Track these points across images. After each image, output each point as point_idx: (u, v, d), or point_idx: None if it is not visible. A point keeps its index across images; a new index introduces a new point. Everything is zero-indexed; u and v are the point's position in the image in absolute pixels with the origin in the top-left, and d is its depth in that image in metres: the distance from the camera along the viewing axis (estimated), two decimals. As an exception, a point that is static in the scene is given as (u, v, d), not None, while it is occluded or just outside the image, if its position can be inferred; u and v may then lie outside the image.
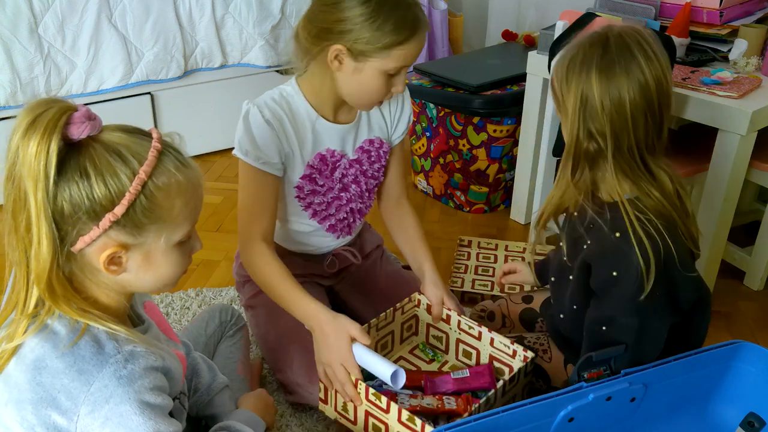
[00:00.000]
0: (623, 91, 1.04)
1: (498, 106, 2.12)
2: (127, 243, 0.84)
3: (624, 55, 1.04)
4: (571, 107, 1.07)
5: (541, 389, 1.35)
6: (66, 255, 0.82)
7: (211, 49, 2.46)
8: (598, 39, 1.07)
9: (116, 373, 0.82)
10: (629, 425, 1.17)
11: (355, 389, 1.18)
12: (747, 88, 1.59)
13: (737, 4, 1.83)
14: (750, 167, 1.66)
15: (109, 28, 2.23)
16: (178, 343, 1.07)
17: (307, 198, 1.39)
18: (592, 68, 1.05)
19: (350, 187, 1.44)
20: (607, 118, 1.05)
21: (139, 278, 0.88)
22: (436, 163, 2.32)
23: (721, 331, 1.70)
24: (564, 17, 1.78)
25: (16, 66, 2.11)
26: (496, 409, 1.02)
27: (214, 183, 2.45)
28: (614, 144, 1.07)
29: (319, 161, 1.36)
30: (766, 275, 1.85)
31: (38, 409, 0.82)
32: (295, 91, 1.33)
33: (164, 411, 0.88)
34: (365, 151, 1.42)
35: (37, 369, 0.82)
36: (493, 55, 2.46)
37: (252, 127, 1.27)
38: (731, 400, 1.22)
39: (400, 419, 1.14)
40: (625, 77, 1.04)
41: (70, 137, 0.79)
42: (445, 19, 2.89)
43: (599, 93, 1.04)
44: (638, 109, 1.05)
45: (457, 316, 1.38)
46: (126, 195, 0.80)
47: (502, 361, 1.35)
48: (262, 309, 1.47)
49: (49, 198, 0.78)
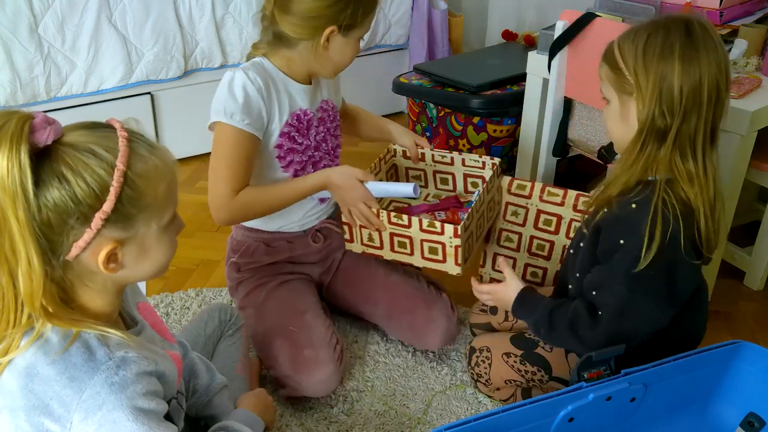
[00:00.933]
0: (703, 74, 1.07)
1: (498, 106, 2.12)
2: (121, 238, 0.83)
3: (706, 40, 1.08)
4: (651, 88, 1.09)
5: (542, 379, 1.36)
6: (62, 264, 0.81)
7: (211, 49, 2.46)
8: (678, 23, 1.10)
9: (108, 379, 0.81)
10: (629, 425, 1.17)
11: (378, 218, 1.41)
12: (747, 88, 1.59)
13: (737, 4, 1.83)
14: (750, 167, 1.66)
15: (109, 28, 2.23)
16: (173, 344, 1.07)
17: (287, 157, 1.46)
18: (675, 52, 1.08)
19: (321, 146, 1.52)
20: (683, 100, 1.08)
21: (136, 270, 0.88)
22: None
23: (721, 331, 1.70)
24: (564, 17, 1.78)
25: (16, 66, 2.11)
26: (496, 409, 1.02)
27: (214, 183, 2.45)
28: (681, 124, 1.09)
29: (296, 120, 1.45)
30: (766, 275, 1.85)
31: (31, 417, 0.81)
32: (264, 60, 1.43)
33: (158, 416, 0.87)
34: (324, 110, 1.53)
35: (29, 376, 0.82)
36: (493, 55, 2.47)
37: (237, 90, 1.34)
38: (731, 400, 1.22)
39: (421, 227, 1.39)
40: (706, 62, 1.07)
41: (37, 145, 0.76)
42: (445, 19, 2.88)
43: (680, 75, 1.07)
44: (711, 92, 1.08)
45: (430, 150, 1.65)
46: (111, 190, 0.79)
47: (476, 175, 1.66)
48: (251, 309, 1.52)
49: (32, 213, 0.76)
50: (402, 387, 1.50)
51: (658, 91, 1.08)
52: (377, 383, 1.51)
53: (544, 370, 1.35)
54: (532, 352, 1.37)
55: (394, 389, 1.50)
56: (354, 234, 1.49)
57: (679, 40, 1.08)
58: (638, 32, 1.12)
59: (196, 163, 2.59)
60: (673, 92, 1.08)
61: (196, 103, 2.53)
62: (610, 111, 1.19)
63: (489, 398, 1.46)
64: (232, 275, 1.58)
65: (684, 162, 1.11)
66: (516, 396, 1.43)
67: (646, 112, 1.10)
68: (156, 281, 1.85)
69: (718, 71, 1.08)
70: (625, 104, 1.15)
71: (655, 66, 1.08)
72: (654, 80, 1.09)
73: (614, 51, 1.15)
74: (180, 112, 2.52)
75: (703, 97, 1.08)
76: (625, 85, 1.13)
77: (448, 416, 1.43)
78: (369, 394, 1.48)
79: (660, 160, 1.12)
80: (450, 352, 1.59)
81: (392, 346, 1.62)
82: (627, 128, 1.15)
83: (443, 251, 1.40)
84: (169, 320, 1.70)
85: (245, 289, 1.55)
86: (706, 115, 1.09)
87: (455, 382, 1.51)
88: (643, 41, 1.10)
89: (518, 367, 1.38)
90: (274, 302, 1.51)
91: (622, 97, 1.15)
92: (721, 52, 1.09)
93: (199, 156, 2.62)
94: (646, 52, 1.10)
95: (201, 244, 2.07)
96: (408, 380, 1.52)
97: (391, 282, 1.59)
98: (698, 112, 1.09)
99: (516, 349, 1.39)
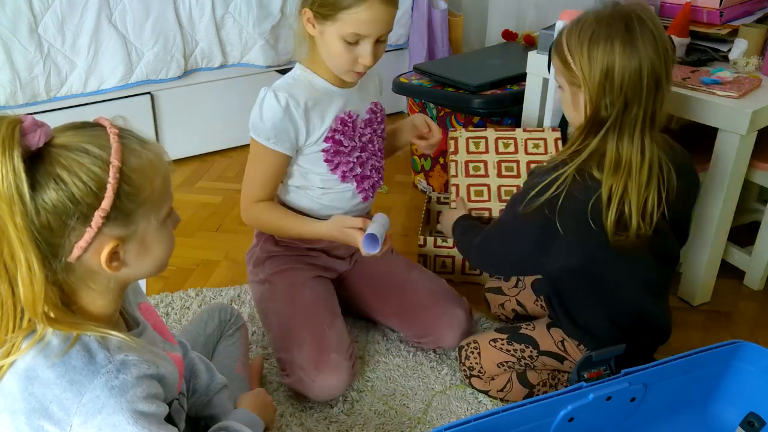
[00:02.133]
0: (643, 65, 1.14)
1: (498, 106, 2.12)
2: (121, 235, 0.82)
3: (643, 32, 1.15)
4: (597, 79, 1.16)
5: (532, 355, 1.41)
6: (63, 267, 0.81)
7: (211, 49, 2.46)
8: (618, 18, 1.16)
9: (108, 383, 0.81)
10: (629, 425, 1.18)
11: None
12: (747, 87, 1.59)
13: (737, 4, 1.83)
14: (750, 167, 1.66)
15: (109, 28, 2.23)
16: (174, 345, 1.06)
17: (334, 159, 1.48)
18: (616, 46, 1.14)
19: (367, 147, 1.54)
20: (623, 90, 1.15)
21: (138, 268, 0.88)
22: (436, 163, 2.32)
23: (721, 331, 1.70)
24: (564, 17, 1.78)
25: (16, 66, 2.11)
26: (496, 408, 1.02)
27: (214, 183, 2.45)
28: (622, 113, 1.17)
29: (341, 123, 1.46)
30: (766, 275, 1.85)
31: (31, 420, 0.81)
32: (302, 69, 1.45)
33: (159, 419, 0.87)
34: (373, 112, 1.55)
35: (29, 379, 0.81)
36: (493, 55, 2.46)
37: (265, 111, 1.38)
38: (731, 400, 1.22)
39: None
40: (644, 52, 1.14)
41: (29, 147, 0.75)
42: (445, 19, 2.88)
43: (621, 69, 1.14)
44: (650, 81, 1.15)
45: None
46: (108, 187, 0.78)
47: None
48: (284, 286, 1.52)
49: (30, 217, 0.75)
50: (402, 387, 1.50)
51: (602, 85, 1.16)
52: (377, 383, 1.51)
53: (532, 346, 1.41)
54: (517, 333, 1.43)
55: (394, 389, 1.50)
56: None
57: (620, 34, 1.15)
58: (583, 27, 1.19)
59: (196, 163, 2.59)
60: (614, 84, 1.15)
61: (196, 103, 2.54)
62: (564, 97, 1.28)
63: (488, 397, 1.46)
64: (266, 247, 1.58)
65: (619, 145, 1.18)
66: (512, 381, 1.44)
67: (594, 104, 1.18)
68: (156, 281, 1.85)
69: (657, 60, 1.15)
70: (575, 94, 1.23)
71: (598, 62, 1.16)
72: (597, 75, 1.16)
73: (563, 44, 1.22)
74: (180, 112, 2.53)
75: (643, 86, 1.15)
76: (574, 77, 1.21)
77: (448, 416, 1.43)
78: (369, 394, 1.48)
79: (599, 144, 1.20)
80: (450, 352, 1.59)
81: (392, 346, 1.62)
82: (578, 114, 1.25)
83: None
84: (169, 320, 1.70)
85: (278, 266, 1.55)
86: (646, 103, 1.16)
87: (455, 382, 1.51)
88: (587, 37, 1.17)
89: (506, 348, 1.42)
90: (311, 292, 1.51)
91: (572, 88, 1.24)
92: (660, 42, 1.15)
93: (199, 156, 2.63)
94: (590, 49, 1.17)
95: (201, 244, 2.07)
96: (408, 380, 1.52)
97: (412, 278, 1.60)
98: (638, 101, 1.16)
99: (501, 334, 1.45)
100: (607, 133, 1.18)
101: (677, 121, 2.01)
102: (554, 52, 1.26)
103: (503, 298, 1.67)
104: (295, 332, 1.44)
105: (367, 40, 1.33)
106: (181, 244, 2.06)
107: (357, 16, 1.29)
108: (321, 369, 1.38)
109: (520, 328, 1.45)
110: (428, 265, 1.87)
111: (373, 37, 1.33)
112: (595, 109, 1.18)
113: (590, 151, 1.19)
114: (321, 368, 1.38)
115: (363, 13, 1.29)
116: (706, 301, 1.80)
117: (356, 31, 1.31)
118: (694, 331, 1.70)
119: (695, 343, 1.63)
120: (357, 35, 1.31)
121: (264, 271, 1.57)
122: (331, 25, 1.32)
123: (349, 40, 1.32)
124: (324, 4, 1.30)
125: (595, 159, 1.19)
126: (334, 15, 1.30)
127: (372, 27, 1.31)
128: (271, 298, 1.52)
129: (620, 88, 1.15)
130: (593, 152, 1.19)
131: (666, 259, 1.32)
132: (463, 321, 1.54)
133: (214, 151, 2.65)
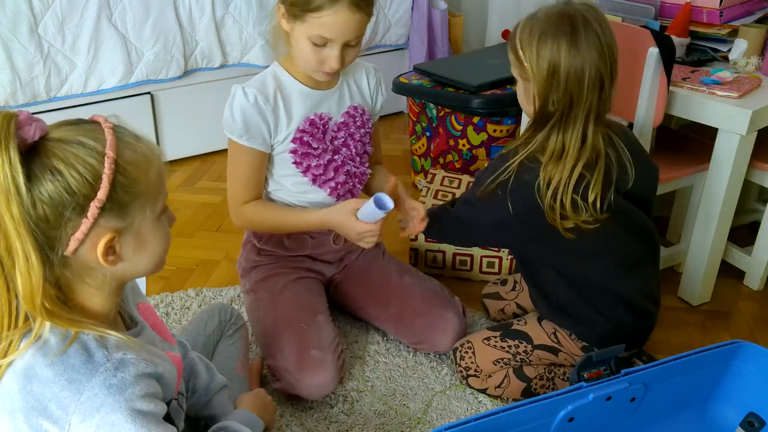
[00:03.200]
0: (586, 64, 1.19)
1: (498, 106, 2.12)
2: (117, 227, 0.83)
3: (587, 32, 1.20)
4: (544, 76, 1.22)
5: (527, 350, 1.43)
6: (60, 261, 0.81)
7: (211, 49, 2.46)
8: (565, 18, 1.21)
9: (106, 381, 0.81)
10: (629, 425, 1.17)
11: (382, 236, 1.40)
12: (747, 88, 1.59)
13: (737, 4, 1.83)
14: (750, 167, 1.66)
15: (109, 28, 2.23)
16: (174, 345, 1.06)
17: (303, 162, 1.47)
18: (562, 46, 1.20)
19: (341, 150, 1.51)
20: (570, 87, 1.21)
21: (134, 263, 0.88)
22: (436, 162, 2.32)
23: (721, 331, 1.70)
24: (564, 17, 1.78)
25: (16, 66, 2.11)
26: (496, 408, 1.02)
27: (214, 183, 2.45)
28: (568, 109, 1.23)
29: (310, 125, 1.45)
30: (766, 275, 1.85)
31: (30, 418, 0.81)
32: (277, 67, 1.46)
33: (157, 417, 0.87)
34: (351, 116, 1.52)
35: (27, 378, 0.81)
36: (493, 55, 2.46)
37: (235, 108, 1.39)
38: (731, 400, 1.22)
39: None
40: (587, 52, 1.19)
41: (25, 140, 0.76)
42: (445, 19, 2.88)
43: (566, 68, 1.20)
44: (594, 79, 1.20)
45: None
46: (103, 177, 0.79)
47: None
48: (265, 293, 1.53)
49: (26, 209, 0.75)
50: (402, 387, 1.50)
51: (548, 82, 1.22)
52: (377, 383, 1.51)
53: (526, 341, 1.43)
54: (510, 330, 1.46)
55: (394, 389, 1.50)
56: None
57: (565, 35, 1.20)
58: (533, 27, 1.24)
59: (197, 163, 2.59)
60: (560, 82, 1.21)
61: (196, 103, 2.54)
62: (519, 90, 1.34)
63: (488, 397, 1.46)
64: (250, 257, 1.59)
65: (564, 137, 1.24)
66: (509, 377, 1.45)
67: (541, 99, 1.24)
68: (156, 281, 1.85)
69: (600, 59, 1.20)
70: (528, 88, 1.28)
71: (545, 60, 1.21)
72: (545, 72, 1.21)
73: (516, 39, 1.28)
74: (180, 112, 2.52)
75: (586, 86, 1.20)
76: (525, 72, 1.27)
77: (448, 416, 1.43)
78: (369, 394, 1.48)
79: (544, 138, 1.25)
80: (449, 353, 1.59)
81: (392, 346, 1.62)
82: (530, 107, 1.30)
83: None
84: (169, 320, 1.70)
85: (261, 274, 1.56)
86: (589, 101, 1.21)
87: (455, 382, 1.51)
88: (536, 36, 1.22)
89: (501, 345, 1.44)
90: (290, 294, 1.51)
91: (524, 82, 1.29)
92: (604, 41, 1.20)
93: (199, 156, 2.62)
94: (539, 48, 1.22)
95: (201, 244, 2.07)
96: (408, 380, 1.52)
97: (405, 284, 1.60)
98: (581, 99, 1.21)
99: (494, 332, 1.48)
100: (552, 129, 1.25)
101: (677, 121, 2.01)
102: (509, 46, 1.32)
103: (502, 302, 1.67)
104: (276, 337, 1.45)
105: (334, 44, 1.32)
106: (181, 244, 2.06)
107: (324, 20, 1.28)
108: (303, 368, 1.39)
109: (511, 324, 1.48)
110: (419, 260, 1.89)
111: (340, 41, 1.32)
112: (543, 104, 1.25)
113: (536, 144, 1.27)
114: (303, 367, 1.39)
115: (330, 18, 1.28)
116: (706, 301, 1.80)
117: (322, 34, 1.30)
118: (694, 331, 1.70)
119: (695, 343, 1.63)
120: (323, 38, 1.31)
121: (249, 281, 1.58)
122: (300, 25, 1.32)
123: (316, 42, 1.32)
124: (294, 3, 1.30)
125: (540, 149, 1.27)
126: (303, 15, 1.30)
127: (338, 31, 1.30)
128: (255, 307, 1.53)
129: (565, 86, 1.20)
130: (539, 144, 1.27)
131: (641, 233, 1.36)
132: (456, 324, 1.54)
133: (214, 151, 2.64)
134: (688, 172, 1.73)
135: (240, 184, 1.46)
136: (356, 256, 1.66)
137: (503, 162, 1.29)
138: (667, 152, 1.78)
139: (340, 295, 1.66)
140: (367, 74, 1.54)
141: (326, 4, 1.27)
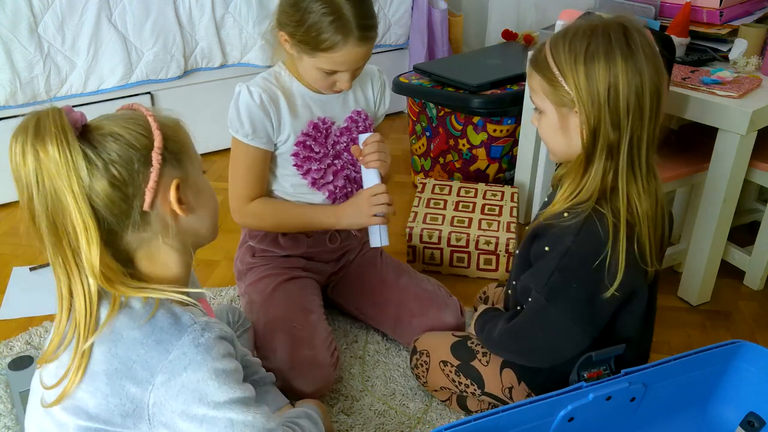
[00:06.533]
0: (644, 82, 1.02)
1: (498, 106, 2.12)
2: (179, 176, 0.89)
3: (644, 46, 1.03)
4: (596, 101, 1.02)
5: (475, 393, 1.34)
6: (141, 221, 0.86)
7: (211, 49, 2.46)
8: (616, 29, 1.03)
9: (195, 341, 0.85)
10: (629, 425, 1.18)
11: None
12: (747, 87, 1.59)
13: (737, 4, 1.83)
14: (750, 167, 1.66)
15: (108, 28, 2.23)
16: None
17: (304, 165, 1.48)
18: (618, 61, 1.01)
19: (342, 155, 1.52)
20: (630, 109, 1.02)
21: (201, 217, 0.94)
22: (436, 162, 2.32)
23: (721, 331, 1.70)
24: (564, 17, 1.78)
25: (16, 66, 2.11)
26: (497, 408, 1.02)
27: (214, 183, 2.42)
28: (630, 134, 1.04)
29: (313, 129, 1.46)
30: (766, 275, 1.85)
31: (113, 380, 0.83)
32: (282, 69, 1.46)
33: (237, 377, 0.90)
34: (354, 121, 1.52)
35: (113, 341, 0.84)
36: (493, 55, 2.46)
37: (242, 107, 1.40)
38: (731, 400, 1.23)
39: None
40: (646, 69, 1.02)
41: (76, 124, 0.82)
42: (445, 19, 2.88)
43: (625, 85, 1.01)
44: (653, 99, 1.03)
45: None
46: (154, 131, 0.86)
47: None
48: (257, 296, 1.53)
49: (92, 179, 0.81)
50: (402, 387, 1.50)
51: (605, 104, 1.02)
52: (377, 383, 1.51)
53: (477, 384, 1.33)
54: (468, 365, 1.34)
55: (394, 389, 1.50)
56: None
57: (620, 48, 1.01)
58: (573, 40, 1.04)
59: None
60: (619, 103, 1.02)
61: (196, 103, 2.54)
62: (547, 123, 1.12)
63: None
64: (245, 259, 1.60)
65: (630, 172, 1.06)
66: (452, 401, 1.42)
67: (592, 125, 1.04)
68: (156, 281, 1.85)
69: (657, 77, 1.03)
70: (564, 117, 1.08)
71: (598, 77, 1.01)
72: (599, 92, 1.02)
73: (548, 60, 1.07)
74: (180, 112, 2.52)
75: (645, 105, 1.03)
76: (563, 97, 1.06)
77: (448, 416, 1.43)
78: (369, 394, 1.48)
79: (608, 173, 1.06)
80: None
81: (392, 346, 1.62)
82: (568, 141, 1.10)
83: None
84: (169, 320, 1.70)
85: (255, 276, 1.56)
86: (650, 122, 1.04)
87: (455, 382, 1.51)
88: (582, 50, 1.02)
89: (453, 377, 1.36)
90: (282, 295, 1.51)
91: (560, 110, 1.08)
92: (659, 57, 1.04)
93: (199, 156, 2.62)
94: (587, 63, 1.02)
95: (201, 244, 2.06)
96: (408, 380, 1.52)
97: (402, 285, 1.60)
98: (642, 120, 1.03)
99: (454, 358, 1.36)
100: (611, 162, 1.05)
101: (677, 121, 2.01)
102: (534, 69, 1.10)
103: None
104: (268, 339, 1.45)
105: (345, 73, 1.36)
106: (181, 244, 2.06)
107: (335, 58, 1.32)
108: (295, 367, 1.39)
109: (474, 357, 1.33)
110: (417, 258, 1.89)
111: (351, 70, 1.36)
112: (593, 134, 1.04)
113: (594, 187, 1.06)
114: (295, 366, 1.39)
115: (341, 56, 1.31)
116: (706, 301, 1.80)
117: (334, 68, 1.34)
118: (694, 331, 1.70)
119: (695, 343, 1.63)
120: (335, 71, 1.35)
121: (244, 283, 1.59)
122: (309, 57, 1.34)
123: (326, 71, 1.35)
124: (303, 41, 1.31)
125: (598, 194, 1.07)
126: (312, 52, 1.32)
127: (349, 65, 1.34)
128: (249, 310, 1.53)
129: (626, 108, 1.02)
130: (597, 187, 1.06)
131: (655, 286, 1.21)
132: (453, 327, 1.53)
133: (214, 151, 2.64)
134: (688, 172, 1.74)
135: (245, 182, 1.47)
136: (354, 256, 1.66)
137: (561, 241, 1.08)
138: (667, 152, 1.77)
139: (339, 296, 1.67)
140: (372, 79, 1.55)
141: (336, 45, 1.29)
